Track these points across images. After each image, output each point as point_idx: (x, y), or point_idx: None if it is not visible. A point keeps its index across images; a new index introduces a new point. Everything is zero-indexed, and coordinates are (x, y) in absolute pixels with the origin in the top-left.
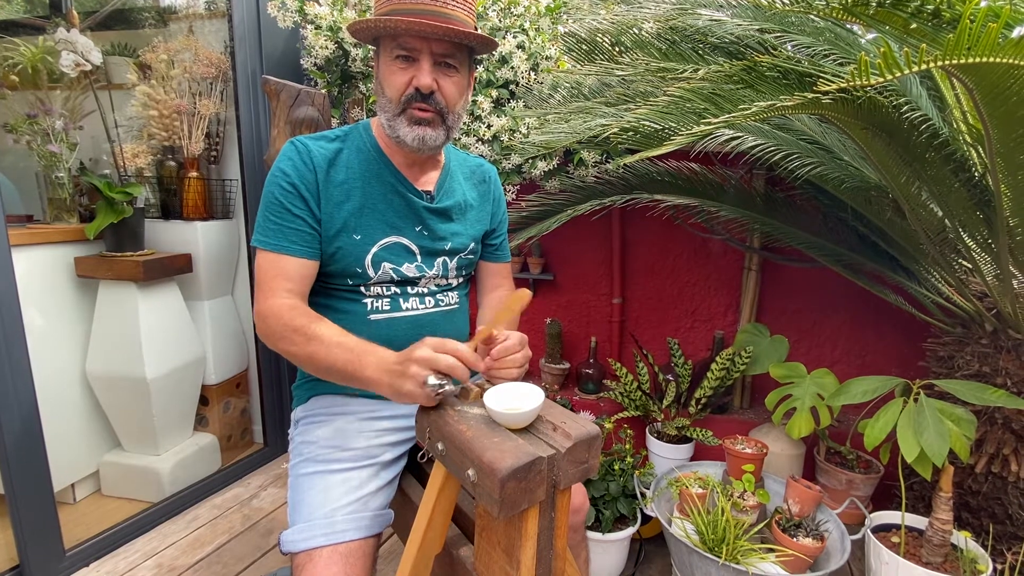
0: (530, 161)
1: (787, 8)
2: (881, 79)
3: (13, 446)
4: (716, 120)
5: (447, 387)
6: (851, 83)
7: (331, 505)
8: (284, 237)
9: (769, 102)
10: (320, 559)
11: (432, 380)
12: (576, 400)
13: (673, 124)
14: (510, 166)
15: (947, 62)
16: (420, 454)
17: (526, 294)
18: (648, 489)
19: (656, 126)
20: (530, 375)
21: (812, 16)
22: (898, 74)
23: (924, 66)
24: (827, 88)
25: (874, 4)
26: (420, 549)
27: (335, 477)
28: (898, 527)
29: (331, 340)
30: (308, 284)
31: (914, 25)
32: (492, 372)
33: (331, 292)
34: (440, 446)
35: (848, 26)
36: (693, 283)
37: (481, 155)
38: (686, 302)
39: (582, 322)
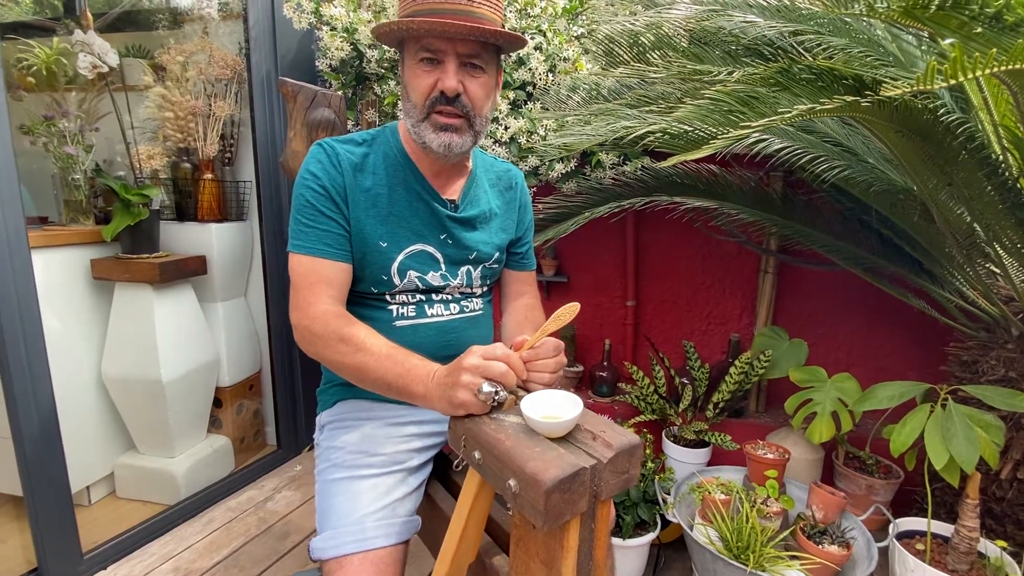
0: (547, 163)
1: (842, 11)
2: (945, 84)
3: (32, 448)
4: (755, 124)
5: (501, 394)
6: (917, 87)
7: (360, 512)
8: (319, 240)
9: (808, 105)
10: (351, 566)
11: (486, 387)
12: (590, 403)
13: (710, 127)
14: (527, 168)
15: (1012, 66)
16: (456, 463)
17: (576, 306)
18: (668, 494)
19: (695, 129)
20: None
21: (846, 18)
22: (962, 78)
23: (989, 70)
24: (890, 93)
25: (933, 7)
26: (454, 558)
27: (364, 483)
28: (920, 533)
29: (380, 352)
30: (347, 289)
31: (979, 29)
32: (525, 377)
33: (356, 299)
34: (477, 455)
35: (881, 28)
36: (708, 285)
37: (497, 156)
38: (701, 305)
39: (596, 324)
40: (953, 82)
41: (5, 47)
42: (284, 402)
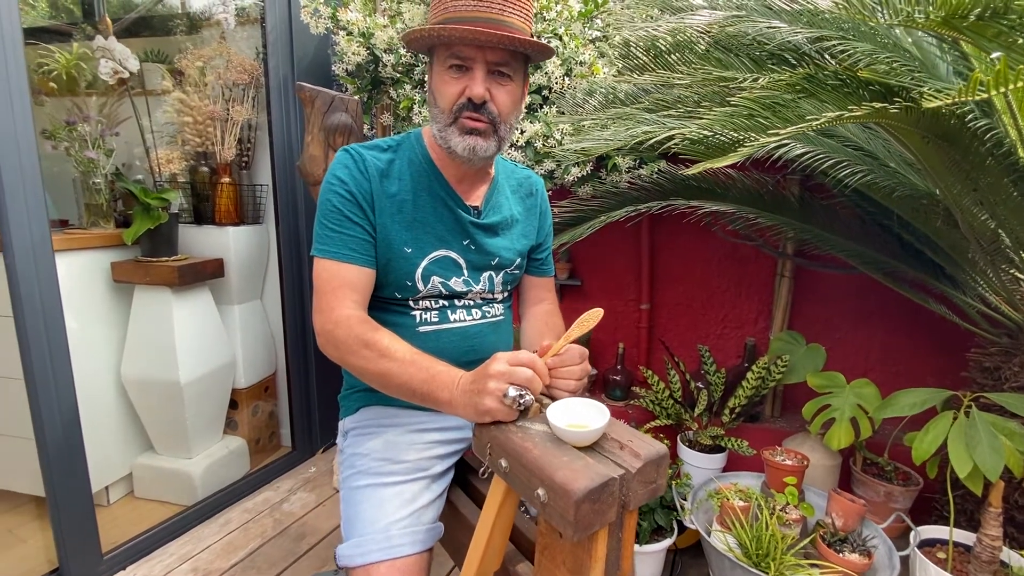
0: (563, 167)
1: (881, 21)
2: (986, 94)
3: (55, 449)
4: (783, 131)
5: (526, 398)
6: (960, 99)
7: (386, 519)
8: (345, 245)
9: (836, 112)
10: (378, 574)
11: (512, 391)
12: None
13: (734, 134)
14: (542, 172)
15: None
16: (481, 470)
17: (599, 312)
18: (685, 500)
19: (717, 135)
20: None
21: (871, 23)
22: (1003, 90)
23: None
24: (931, 104)
25: (972, 16)
26: (480, 566)
27: (389, 490)
28: (942, 542)
29: (405, 358)
30: (369, 294)
31: (1021, 41)
32: (549, 384)
33: (380, 305)
34: (503, 463)
35: (899, 30)
36: (724, 289)
37: (513, 160)
38: (716, 308)
39: (609, 328)
40: (994, 93)
41: (26, 52)
42: (299, 404)
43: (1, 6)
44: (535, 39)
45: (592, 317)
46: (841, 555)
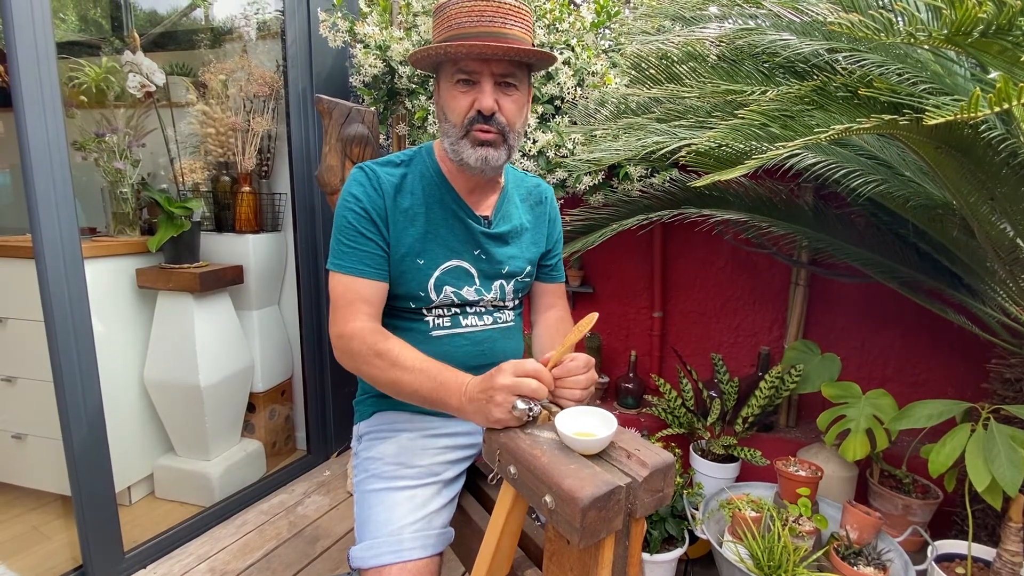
0: (575, 176)
1: (885, 39)
2: (988, 111)
3: (80, 449)
4: (792, 143)
5: (535, 409)
6: (961, 116)
7: (397, 523)
8: (359, 260)
9: (846, 124)
10: None
11: (520, 405)
12: (616, 414)
13: (743, 146)
14: (554, 180)
15: None
16: (490, 477)
17: (593, 316)
18: (697, 509)
19: (727, 146)
20: None
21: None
22: (1006, 106)
23: None
24: (934, 121)
25: (976, 33)
26: (489, 571)
27: (400, 494)
28: (960, 557)
29: (414, 366)
30: (382, 306)
31: (1023, 58)
32: (556, 393)
33: (394, 313)
34: (512, 469)
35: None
36: (737, 297)
37: (526, 169)
38: (729, 317)
39: (621, 335)
40: (998, 109)
41: (58, 66)
42: (314, 408)
43: (36, 22)
44: (536, 48)
45: (587, 322)
46: (855, 568)
